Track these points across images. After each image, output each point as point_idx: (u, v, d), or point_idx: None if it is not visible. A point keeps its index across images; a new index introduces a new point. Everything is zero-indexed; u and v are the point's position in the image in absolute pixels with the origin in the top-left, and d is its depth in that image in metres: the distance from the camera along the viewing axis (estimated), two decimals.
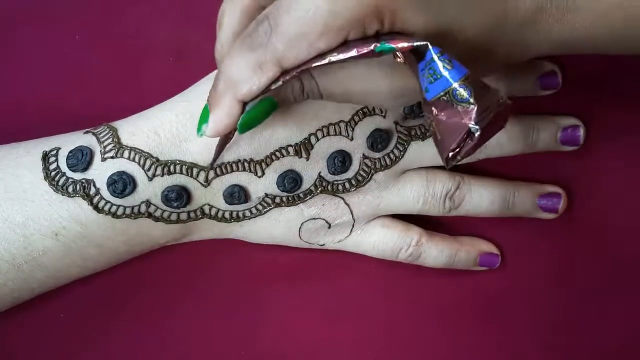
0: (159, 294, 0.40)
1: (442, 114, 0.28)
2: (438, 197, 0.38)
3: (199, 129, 0.31)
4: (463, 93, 0.27)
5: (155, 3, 0.41)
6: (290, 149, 0.35)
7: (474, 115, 0.27)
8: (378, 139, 0.36)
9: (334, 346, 0.41)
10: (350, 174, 0.37)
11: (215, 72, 0.37)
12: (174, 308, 0.40)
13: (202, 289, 0.40)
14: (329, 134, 0.36)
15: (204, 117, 0.31)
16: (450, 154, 0.29)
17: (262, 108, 0.32)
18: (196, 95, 0.36)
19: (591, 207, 0.41)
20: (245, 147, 0.35)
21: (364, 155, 0.37)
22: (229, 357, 0.40)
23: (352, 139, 0.36)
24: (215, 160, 0.35)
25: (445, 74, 0.27)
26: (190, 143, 0.35)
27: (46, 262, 0.35)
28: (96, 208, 0.34)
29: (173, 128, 0.35)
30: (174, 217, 0.36)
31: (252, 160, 0.35)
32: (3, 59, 0.41)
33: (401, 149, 0.37)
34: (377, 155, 0.37)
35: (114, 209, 0.35)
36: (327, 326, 0.41)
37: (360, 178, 0.37)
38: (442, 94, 0.28)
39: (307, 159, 0.36)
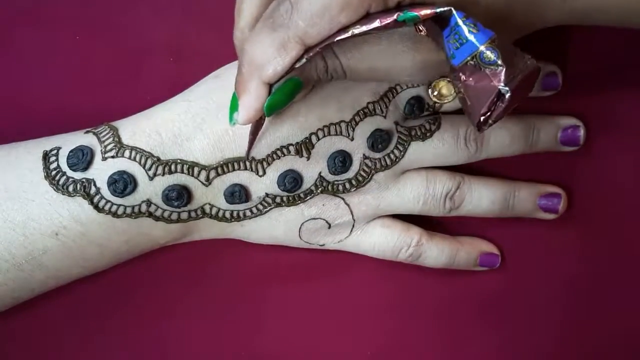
0: (159, 294, 0.40)
1: (470, 78, 0.28)
2: (438, 197, 0.38)
3: (231, 118, 0.32)
4: (490, 55, 0.27)
5: (155, 3, 0.41)
6: (291, 148, 0.35)
7: (502, 76, 0.27)
8: (378, 139, 0.36)
9: (334, 346, 0.41)
10: (350, 173, 0.37)
11: (217, 70, 0.37)
12: (174, 308, 0.40)
13: (202, 289, 0.40)
14: (329, 134, 0.36)
15: (234, 105, 0.31)
16: (482, 118, 0.29)
17: (288, 88, 0.32)
18: (197, 94, 0.36)
19: (591, 207, 0.41)
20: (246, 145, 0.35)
21: (364, 155, 0.37)
22: (229, 357, 0.40)
23: (352, 139, 0.36)
24: (250, 149, 0.35)
25: (471, 37, 0.27)
26: (191, 142, 0.35)
27: (46, 262, 0.35)
28: (96, 207, 0.34)
29: (174, 127, 0.35)
30: (174, 216, 0.36)
31: (252, 158, 0.35)
32: (3, 59, 0.41)
33: (401, 149, 0.37)
34: (377, 155, 0.37)
35: (114, 208, 0.35)
36: (326, 326, 0.41)
37: (360, 178, 0.37)
38: (468, 58, 0.28)
39: (308, 158, 0.36)
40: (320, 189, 0.37)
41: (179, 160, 0.35)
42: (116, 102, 0.39)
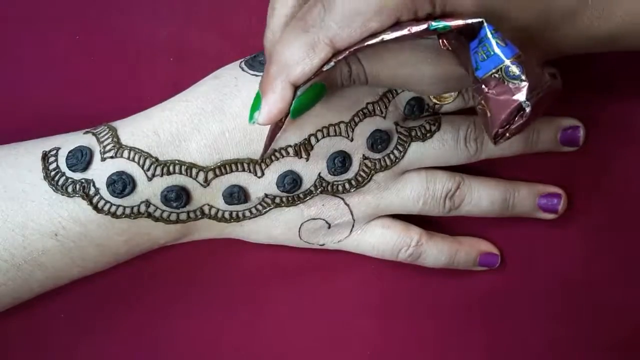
0: (159, 294, 0.40)
1: (493, 90, 0.29)
2: (438, 197, 0.38)
3: (251, 117, 0.32)
4: (515, 70, 0.28)
5: (155, 3, 0.41)
6: (290, 149, 0.35)
7: (525, 91, 0.28)
8: (378, 140, 0.36)
9: (333, 346, 0.41)
10: (350, 174, 0.37)
11: (217, 71, 0.37)
12: (174, 308, 0.40)
13: (201, 289, 0.40)
14: (328, 135, 0.36)
15: (256, 104, 0.31)
16: (500, 130, 0.29)
17: (313, 92, 0.32)
18: (195, 95, 0.36)
19: (591, 207, 0.41)
20: (245, 147, 0.35)
21: (363, 155, 0.37)
22: (228, 356, 0.40)
23: (351, 140, 0.36)
24: (265, 150, 0.35)
25: (498, 51, 0.28)
26: (189, 143, 0.35)
27: (45, 262, 0.35)
28: (95, 208, 0.34)
29: (172, 128, 0.35)
30: (173, 217, 0.36)
31: (251, 160, 0.35)
32: (3, 59, 0.41)
33: (401, 150, 0.37)
34: (377, 155, 0.37)
35: (113, 208, 0.35)
36: (326, 326, 0.41)
37: (360, 178, 0.37)
38: (493, 70, 0.28)
39: (307, 159, 0.36)
40: (319, 190, 0.37)
41: (177, 161, 0.35)
42: (116, 102, 0.39)
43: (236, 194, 0.35)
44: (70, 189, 0.34)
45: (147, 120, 0.36)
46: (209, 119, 0.35)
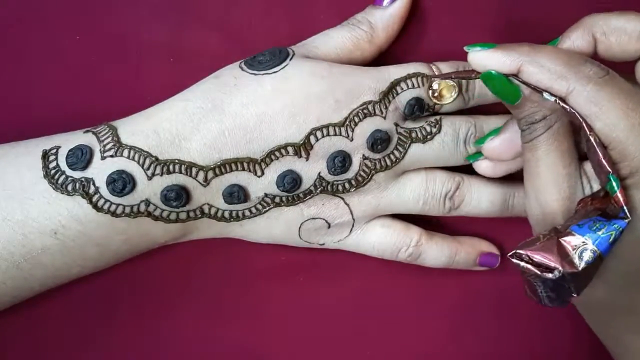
0: (159, 294, 0.40)
1: (566, 238, 0.30)
2: (437, 197, 0.38)
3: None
4: (588, 256, 0.29)
5: (155, 3, 0.41)
6: (290, 149, 0.35)
7: (567, 270, 0.29)
8: (378, 140, 0.36)
9: (333, 345, 0.41)
10: (350, 174, 0.37)
11: (217, 71, 0.37)
12: (174, 307, 0.40)
13: (201, 288, 0.40)
14: (328, 134, 0.36)
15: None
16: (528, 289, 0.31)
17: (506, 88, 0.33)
18: (195, 94, 0.36)
19: None
20: (245, 146, 0.35)
21: (363, 155, 0.37)
22: (228, 356, 0.40)
23: (351, 140, 0.36)
24: (444, 77, 0.36)
25: (600, 241, 0.29)
26: (189, 142, 0.35)
27: (45, 261, 0.35)
28: (95, 206, 0.34)
29: (172, 127, 0.35)
30: (173, 216, 0.36)
31: (251, 159, 0.35)
32: (3, 59, 0.41)
33: (401, 150, 0.37)
34: (377, 156, 0.37)
35: (113, 207, 0.35)
36: (326, 325, 0.41)
37: (360, 178, 0.37)
38: (584, 239, 0.29)
39: (307, 158, 0.36)
40: (319, 189, 0.37)
41: (176, 161, 0.35)
42: (116, 102, 0.39)
43: (236, 194, 0.35)
44: (70, 188, 0.34)
45: (147, 119, 0.36)
46: (209, 118, 0.35)
